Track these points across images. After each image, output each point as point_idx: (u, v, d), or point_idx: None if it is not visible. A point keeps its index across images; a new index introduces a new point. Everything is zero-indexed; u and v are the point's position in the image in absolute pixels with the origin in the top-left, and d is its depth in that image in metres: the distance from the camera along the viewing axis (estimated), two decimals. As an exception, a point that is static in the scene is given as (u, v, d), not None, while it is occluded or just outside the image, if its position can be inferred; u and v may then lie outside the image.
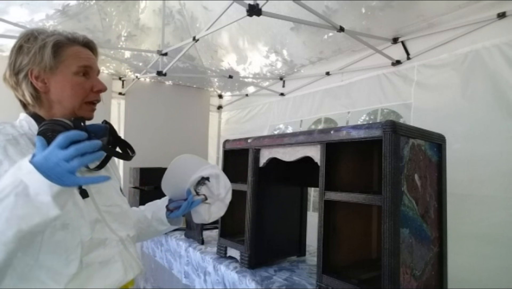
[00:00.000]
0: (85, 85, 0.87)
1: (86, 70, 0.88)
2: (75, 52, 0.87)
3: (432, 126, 1.24)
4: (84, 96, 0.87)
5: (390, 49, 2.45)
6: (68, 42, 0.87)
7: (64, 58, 0.85)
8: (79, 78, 0.87)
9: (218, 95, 4.60)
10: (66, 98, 0.85)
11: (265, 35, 2.95)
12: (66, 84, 0.85)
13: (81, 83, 0.87)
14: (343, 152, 1.25)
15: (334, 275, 1.15)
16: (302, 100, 3.30)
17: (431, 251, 1.16)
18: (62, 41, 0.86)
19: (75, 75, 0.86)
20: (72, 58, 0.86)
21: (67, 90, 0.85)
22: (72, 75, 0.86)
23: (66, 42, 0.86)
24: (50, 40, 0.84)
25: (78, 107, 0.87)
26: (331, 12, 2.24)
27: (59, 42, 0.85)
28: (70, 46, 0.87)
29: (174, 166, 1.12)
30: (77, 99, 0.86)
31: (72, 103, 0.86)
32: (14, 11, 2.46)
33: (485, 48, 1.91)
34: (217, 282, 1.60)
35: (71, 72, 0.85)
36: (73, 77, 0.86)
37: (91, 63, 0.90)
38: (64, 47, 0.86)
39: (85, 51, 0.90)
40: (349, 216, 1.29)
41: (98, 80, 0.91)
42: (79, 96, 0.86)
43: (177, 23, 3.22)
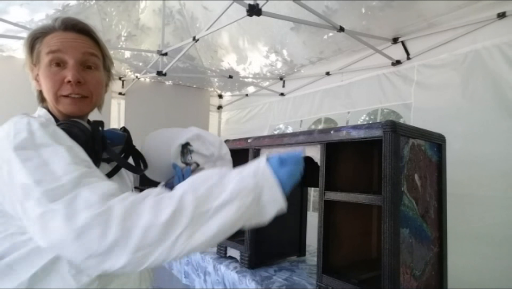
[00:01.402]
0: (55, 76, 0.75)
1: (57, 57, 0.75)
2: (48, 40, 0.76)
3: (432, 126, 1.24)
4: (55, 90, 0.76)
5: (390, 49, 2.45)
6: (44, 31, 0.77)
7: (40, 50, 0.76)
8: (51, 69, 0.75)
9: (218, 95, 4.60)
10: (45, 94, 0.78)
11: (265, 35, 2.95)
12: (43, 77, 0.77)
13: (51, 74, 0.75)
14: (343, 152, 1.25)
15: (334, 275, 1.15)
16: (302, 100, 3.30)
17: (431, 251, 1.16)
18: (37, 32, 0.77)
19: (47, 66, 0.75)
20: (44, 46, 0.76)
21: (44, 84, 0.77)
22: (44, 66, 0.76)
23: (42, 32, 0.77)
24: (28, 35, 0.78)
25: (55, 102, 0.76)
26: (331, 12, 2.24)
27: (34, 34, 0.77)
28: (46, 35, 0.77)
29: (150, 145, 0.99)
30: (50, 93, 0.76)
31: (49, 98, 0.77)
32: (14, 11, 2.46)
33: (485, 48, 1.91)
34: (217, 282, 1.60)
35: (44, 63, 0.76)
36: (45, 68, 0.76)
37: (64, 48, 0.75)
38: (40, 38, 0.77)
39: (64, 35, 0.77)
40: (349, 216, 1.29)
41: (71, 69, 0.75)
42: (50, 90, 0.76)
43: (177, 23, 3.22)
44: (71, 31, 0.78)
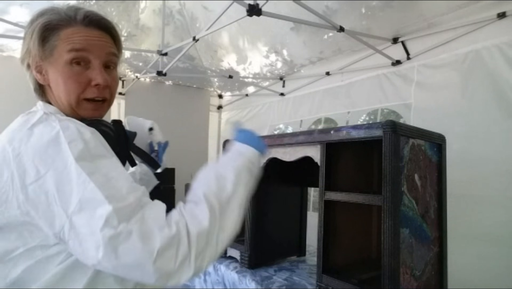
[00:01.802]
0: (79, 77, 0.68)
1: (80, 57, 0.68)
2: (68, 34, 0.67)
3: (432, 126, 1.24)
4: (79, 92, 0.68)
5: (390, 49, 2.45)
6: (62, 22, 0.68)
7: (57, 44, 0.67)
8: (72, 68, 0.67)
9: (218, 95, 4.60)
10: (61, 92, 0.69)
11: (265, 35, 2.95)
12: (58, 76, 0.68)
13: (74, 75, 0.68)
14: (343, 152, 1.25)
15: (334, 275, 1.15)
16: (302, 100, 3.30)
17: (431, 251, 1.16)
18: (53, 22, 0.68)
19: (67, 65, 0.67)
20: (64, 42, 0.67)
21: (61, 83, 0.68)
22: (64, 64, 0.67)
23: (59, 22, 0.68)
24: (40, 22, 0.68)
25: (75, 105, 0.69)
26: (331, 12, 2.24)
27: (49, 24, 0.67)
28: (65, 27, 0.68)
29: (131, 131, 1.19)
30: (72, 96, 0.68)
31: (67, 99, 0.69)
32: (14, 11, 2.46)
33: (485, 48, 1.91)
34: (217, 282, 1.60)
35: (63, 60, 0.67)
36: (65, 67, 0.67)
37: (90, 47, 0.68)
38: (56, 29, 0.68)
39: (87, 31, 0.69)
40: (349, 216, 1.28)
41: (98, 72, 0.69)
42: (72, 92, 0.68)
43: (177, 23, 3.22)
44: (94, 28, 0.71)
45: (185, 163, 3.88)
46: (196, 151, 4.26)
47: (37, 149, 0.57)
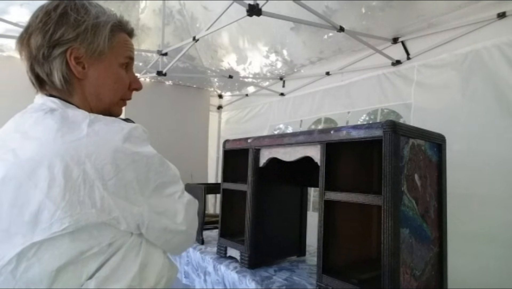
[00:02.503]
0: (125, 80, 0.77)
1: (129, 63, 0.78)
2: (125, 40, 0.75)
3: (432, 126, 1.24)
4: (123, 93, 0.77)
5: (390, 49, 2.45)
6: (121, 27, 0.75)
7: (115, 45, 0.72)
8: (122, 71, 0.75)
9: (218, 95, 4.60)
10: (106, 91, 0.73)
11: (265, 35, 2.95)
12: (109, 75, 0.72)
13: (124, 78, 0.76)
14: (343, 152, 1.25)
15: (334, 275, 1.15)
16: (302, 100, 3.30)
17: (431, 251, 1.16)
18: (118, 24, 0.74)
19: (120, 67, 0.74)
20: (121, 46, 0.74)
21: (109, 83, 0.72)
22: (118, 66, 0.74)
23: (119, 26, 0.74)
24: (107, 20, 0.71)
25: (115, 103, 0.76)
26: (331, 12, 2.24)
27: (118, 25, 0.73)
28: (122, 32, 0.75)
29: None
30: (117, 96, 0.75)
31: (111, 99, 0.74)
32: (14, 11, 2.46)
33: (485, 48, 1.91)
34: (217, 282, 1.60)
35: (118, 62, 0.73)
36: (118, 69, 0.74)
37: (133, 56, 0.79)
38: (118, 31, 0.74)
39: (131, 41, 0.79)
40: (349, 216, 1.29)
41: (136, 77, 0.80)
42: (119, 92, 0.75)
43: (177, 23, 3.22)
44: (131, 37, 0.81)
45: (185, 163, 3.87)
46: (196, 151, 4.26)
47: (115, 146, 0.60)
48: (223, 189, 1.73)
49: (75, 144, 0.57)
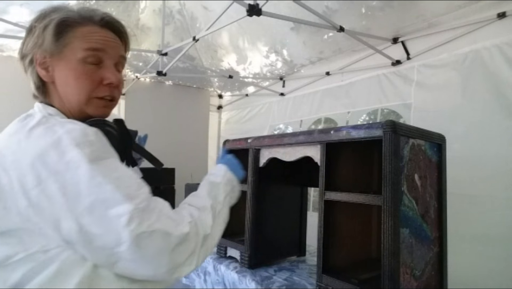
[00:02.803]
0: (93, 75, 0.68)
1: (96, 56, 0.68)
2: (85, 33, 0.68)
3: (432, 126, 1.24)
4: (91, 90, 0.69)
5: (390, 49, 2.45)
6: (79, 20, 0.69)
7: (71, 40, 0.67)
8: (86, 66, 0.68)
9: (218, 95, 4.60)
10: (70, 90, 0.68)
11: (265, 35, 2.95)
12: (69, 73, 0.68)
13: (87, 73, 0.68)
14: (343, 152, 1.25)
15: (334, 275, 1.15)
16: (302, 100, 3.30)
17: (431, 251, 1.16)
18: (70, 19, 0.68)
19: (81, 62, 0.67)
20: (80, 40, 0.67)
21: (71, 82, 0.68)
22: (77, 62, 0.67)
23: (76, 20, 0.68)
24: (55, 18, 0.67)
25: (84, 102, 0.69)
26: (331, 12, 2.24)
27: (65, 20, 0.67)
28: (81, 25, 0.68)
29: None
30: (82, 93, 0.68)
31: (77, 98, 0.68)
32: (14, 11, 2.46)
33: (485, 48, 1.91)
34: (217, 282, 1.60)
35: (76, 58, 0.67)
36: (79, 64, 0.67)
37: (106, 48, 0.70)
38: (72, 26, 0.68)
39: (103, 32, 0.70)
40: (349, 216, 1.29)
41: (112, 71, 0.71)
42: (84, 89, 0.68)
43: (177, 23, 3.22)
44: (109, 30, 0.72)
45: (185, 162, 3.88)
46: (196, 151, 4.26)
47: (38, 153, 0.55)
48: (223, 189, 1.73)
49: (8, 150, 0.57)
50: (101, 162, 0.58)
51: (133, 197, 0.57)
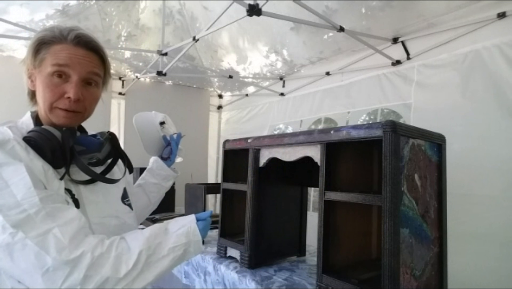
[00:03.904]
0: (56, 88, 0.78)
1: (61, 71, 0.77)
2: (56, 50, 0.78)
3: (432, 126, 1.24)
4: (52, 101, 0.78)
5: (390, 49, 2.45)
6: (54, 39, 0.79)
7: (45, 57, 0.78)
8: (52, 79, 0.78)
9: (218, 95, 4.60)
10: (40, 99, 0.80)
11: (265, 35, 2.95)
12: (40, 84, 0.79)
13: (52, 86, 0.78)
14: (343, 152, 1.25)
15: (334, 275, 1.15)
16: (302, 100, 3.30)
17: (431, 251, 1.16)
18: (46, 38, 0.79)
19: (48, 76, 0.77)
20: (51, 56, 0.78)
21: (40, 91, 0.79)
22: (46, 75, 0.78)
23: (52, 39, 0.79)
24: (37, 37, 0.79)
25: (48, 111, 0.79)
26: (331, 12, 2.24)
27: (42, 39, 0.79)
28: (55, 44, 0.78)
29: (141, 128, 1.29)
30: (46, 103, 0.78)
31: (43, 106, 0.79)
32: (14, 11, 2.46)
33: (485, 48, 1.91)
34: (217, 282, 1.60)
35: (46, 72, 0.78)
36: (47, 77, 0.78)
37: (72, 64, 0.78)
38: (48, 44, 0.78)
39: (74, 49, 0.79)
40: (349, 216, 1.28)
41: (73, 86, 0.78)
42: (47, 100, 0.78)
43: (177, 23, 3.22)
44: (82, 48, 0.80)
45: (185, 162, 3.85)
46: (196, 151, 4.26)
47: None
48: (223, 189, 1.73)
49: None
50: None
51: (8, 206, 0.62)
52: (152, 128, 1.30)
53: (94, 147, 0.86)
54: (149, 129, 1.30)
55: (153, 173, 1.27)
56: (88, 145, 0.85)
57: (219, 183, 1.82)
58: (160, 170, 1.27)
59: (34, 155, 0.73)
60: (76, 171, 0.81)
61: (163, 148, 1.34)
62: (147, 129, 1.30)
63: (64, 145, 0.77)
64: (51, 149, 0.74)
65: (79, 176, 0.82)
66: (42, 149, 0.73)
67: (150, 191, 1.24)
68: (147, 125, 1.31)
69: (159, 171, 1.27)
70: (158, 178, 1.27)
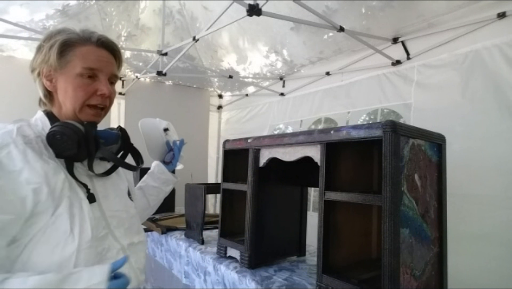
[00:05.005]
0: (88, 87, 0.84)
1: (93, 73, 0.84)
2: (84, 53, 0.84)
3: (432, 126, 1.24)
4: (85, 99, 0.84)
5: (390, 49, 2.45)
6: (79, 41, 0.84)
7: (72, 58, 0.83)
8: (82, 80, 0.83)
9: (218, 95, 4.60)
10: (68, 99, 0.84)
11: (265, 35, 2.95)
12: (68, 85, 0.83)
13: (84, 85, 0.83)
14: (343, 152, 1.25)
15: (334, 275, 1.15)
16: (302, 100, 3.29)
17: (431, 251, 1.16)
18: (71, 40, 0.83)
19: (78, 77, 0.83)
20: (79, 58, 0.83)
21: (69, 91, 0.83)
22: (75, 76, 0.83)
23: (76, 41, 0.84)
24: (59, 39, 0.83)
25: (79, 109, 0.85)
26: (331, 12, 2.24)
27: (67, 41, 0.83)
28: (80, 45, 0.84)
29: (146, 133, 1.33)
30: (78, 102, 0.84)
31: (73, 105, 0.84)
32: (14, 11, 2.46)
33: (485, 48, 1.91)
34: (217, 282, 1.60)
35: (75, 73, 0.82)
36: (76, 78, 0.83)
37: (101, 66, 0.85)
38: (72, 46, 0.83)
39: (99, 51, 0.86)
40: (349, 216, 1.29)
41: (104, 84, 0.86)
42: (79, 99, 0.83)
43: (177, 23, 3.22)
44: (104, 49, 0.87)
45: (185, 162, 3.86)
46: (196, 151, 4.25)
47: None
48: (223, 189, 1.73)
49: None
50: None
51: None
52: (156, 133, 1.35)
53: (112, 140, 0.92)
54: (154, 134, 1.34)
55: (153, 176, 1.30)
56: (106, 137, 0.90)
57: (219, 183, 1.82)
58: (161, 174, 1.30)
59: (33, 157, 0.74)
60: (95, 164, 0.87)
61: (165, 153, 1.38)
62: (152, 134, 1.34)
63: (88, 137, 0.81)
64: (78, 141, 0.78)
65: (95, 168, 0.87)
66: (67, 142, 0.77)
67: (149, 194, 1.27)
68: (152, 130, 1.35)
69: (160, 174, 1.30)
70: (158, 181, 1.29)
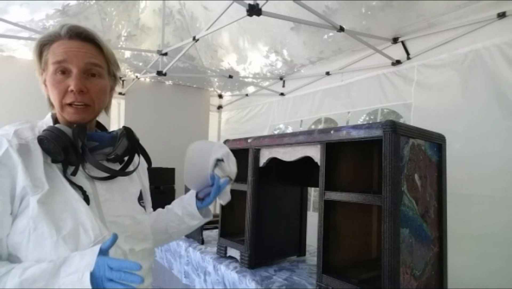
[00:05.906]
0: (60, 85, 0.78)
1: (62, 66, 0.77)
2: (55, 48, 0.78)
3: (432, 126, 1.24)
4: (60, 98, 0.78)
5: (390, 49, 2.45)
6: (52, 38, 0.79)
7: (48, 57, 0.79)
8: (56, 77, 0.78)
9: (218, 95, 4.60)
10: (51, 98, 0.80)
11: (265, 35, 2.95)
12: (49, 85, 0.79)
13: (56, 83, 0.78)
14: (343, 151, 1.25)
15: (334, 275, 1.15)
16: (302, 100, 3.30)
17: (431, 251, 1.16)
18: (45, 39, 0.79)
19: (52, 75, 0.78)
20: (51, 55, 0.78)
21: (50, 90, 0.79)
22: (51, 74, 0.78)
23: (50, 39, 0.79)
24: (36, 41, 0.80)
25: (61, 110, 0.79)
26: (331, 12, 2.24)
27: (41, 42, 0.79)
28: (53, 42, 0.79)
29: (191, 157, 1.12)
30: (56, 101, 0.79)
31: (56, 106, 0.80)
32: (14, 10, 2.46)
33: (485, 48, 1.91)
34: (217, 282, 1.60)
35: (50, 71, 0.78)
36: (51, 76, 0.78)
37: (69, 58, 0.77)
38: (47, 45, 0.79)
39: (69, 43, 0.79)
40: (349, 216, 1.29)
41: (74, 78, 0.77)
42: (56, 98, 0.78)
43: (177, 23, 3.22)
44: (76, 39, 0.80)
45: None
46: (196, 151, 4.25)
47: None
48: (223, 189, 1.73)
49: None
50: None
51: None
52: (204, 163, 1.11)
53: (106, 141, 0.85)
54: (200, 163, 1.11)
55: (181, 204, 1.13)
56: (100, 139, 0.85)
57: (219, 183, 1.81)
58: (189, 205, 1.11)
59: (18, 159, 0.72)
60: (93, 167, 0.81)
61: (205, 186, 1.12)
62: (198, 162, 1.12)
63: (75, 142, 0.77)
64: (62, 146, 0.75)
65: (97, 172, 0.82)
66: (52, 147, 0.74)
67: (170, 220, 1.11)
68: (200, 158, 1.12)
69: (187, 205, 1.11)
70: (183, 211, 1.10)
